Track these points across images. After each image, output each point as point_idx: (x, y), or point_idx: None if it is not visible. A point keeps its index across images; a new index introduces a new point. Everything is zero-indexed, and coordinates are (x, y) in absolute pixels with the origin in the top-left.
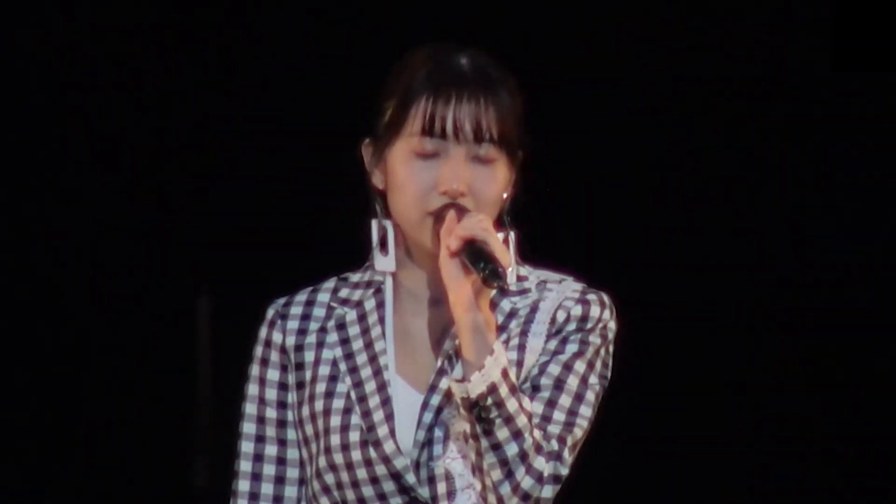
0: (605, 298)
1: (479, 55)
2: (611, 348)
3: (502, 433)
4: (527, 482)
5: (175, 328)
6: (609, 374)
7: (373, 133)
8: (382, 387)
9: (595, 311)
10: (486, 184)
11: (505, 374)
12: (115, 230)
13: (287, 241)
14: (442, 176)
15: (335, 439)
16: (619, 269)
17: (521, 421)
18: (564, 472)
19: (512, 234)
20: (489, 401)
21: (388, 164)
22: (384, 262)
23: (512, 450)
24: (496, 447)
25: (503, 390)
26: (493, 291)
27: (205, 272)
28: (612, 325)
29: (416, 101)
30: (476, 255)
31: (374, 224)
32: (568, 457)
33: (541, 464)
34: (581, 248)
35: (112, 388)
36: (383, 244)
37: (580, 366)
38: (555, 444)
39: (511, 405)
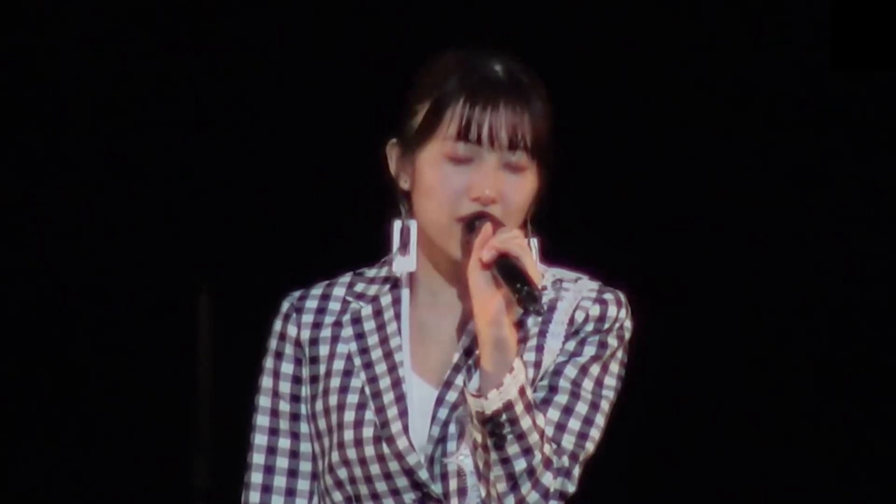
0: (622, 297)
1: (511, 61)
2: (626, 348)
3: (513, 449)
4: (532, 497)
5: (176, 326)
6: (624, 374)
7: (400, 134)
8: (397, 383)
9: (612, 310)
10: (516, 192)
11: (522, 391)
12: (115, 228)
13: (288, 239)
14: (474, 182)
15: (349, 434)
16: (632, 266)
17: (533, 438)
18: (571, 489)
19: (535, 241)
20: (503, 417)
21: (416, 167)
22: (404, 263)
23: (520, 465)
24: (505, 461)
25: (518, 408)
26: (520, 310)
27: (205, 270)
28: (629, 324)
29: (451, 105)
30: (510, 272)
31: (398, 224)
32: (577, 473)
33: (548, 480)
34: (593, 247)
35: (112, 387)
36: (404, 244)
37: (596, 369)
38: (566, 461)
39: (525, 422)
